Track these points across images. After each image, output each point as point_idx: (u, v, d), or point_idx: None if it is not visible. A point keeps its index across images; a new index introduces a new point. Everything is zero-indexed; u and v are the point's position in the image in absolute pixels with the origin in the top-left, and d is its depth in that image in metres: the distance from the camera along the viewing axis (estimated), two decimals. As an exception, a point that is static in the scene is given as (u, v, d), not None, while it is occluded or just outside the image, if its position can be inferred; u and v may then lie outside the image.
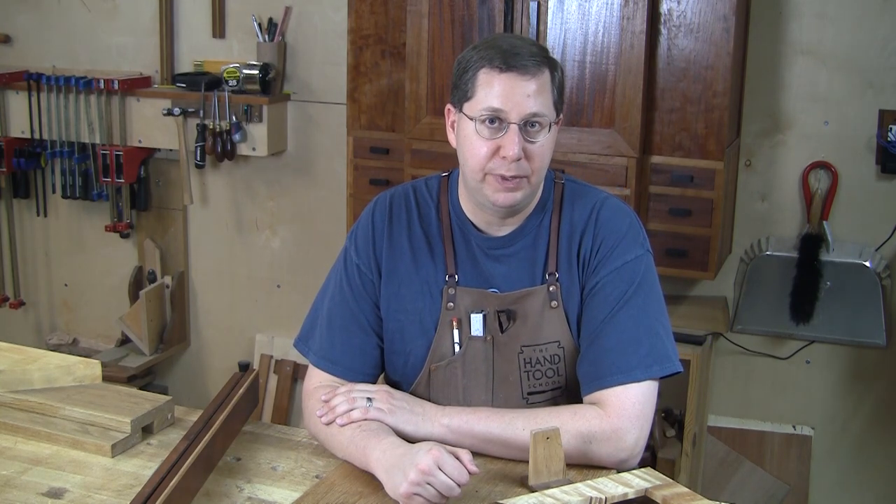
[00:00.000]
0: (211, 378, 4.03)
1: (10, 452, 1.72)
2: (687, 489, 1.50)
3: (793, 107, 3.16)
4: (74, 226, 4.09)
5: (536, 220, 1.76)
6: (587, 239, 1.73)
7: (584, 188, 1.81)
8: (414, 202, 1.82)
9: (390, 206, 1.82)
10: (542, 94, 1.65)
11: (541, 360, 1.73)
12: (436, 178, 1.85)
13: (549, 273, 1.73)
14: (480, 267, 1.76)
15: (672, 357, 1.69)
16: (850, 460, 3.30)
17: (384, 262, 1.79)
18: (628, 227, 1.74)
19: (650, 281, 1.72)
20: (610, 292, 1.70)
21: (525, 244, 1.75)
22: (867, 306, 3.10)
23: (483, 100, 1.65)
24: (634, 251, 1.72)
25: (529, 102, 1.63)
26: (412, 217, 1.80)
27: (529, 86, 1.64)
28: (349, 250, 1.83)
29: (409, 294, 1.77)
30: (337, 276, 1.84)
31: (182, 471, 1.51)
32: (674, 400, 3.24)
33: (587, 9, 2.84)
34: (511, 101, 1.63)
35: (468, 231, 1.78)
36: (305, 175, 3.74)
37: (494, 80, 1.64)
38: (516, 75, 1.64)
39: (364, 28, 3.20)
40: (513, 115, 1.63)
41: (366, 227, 1.82)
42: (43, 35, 3.97)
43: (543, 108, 1.65)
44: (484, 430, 1.65)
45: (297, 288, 3.84)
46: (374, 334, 1.80)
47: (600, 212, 1.75)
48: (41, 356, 1.96)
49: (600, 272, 1.71)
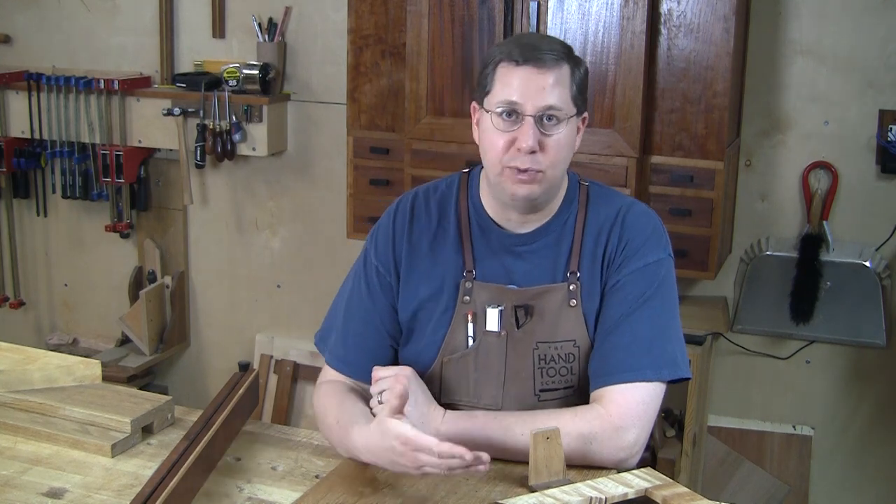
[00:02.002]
0: (211, 378, 4.03)
1: (10, 452, 1.72)
2: (687, 489, 1.50)
3: (793, 107, 3.16)
4: (74, 226, 4.09)
5: (562, 219, 1.77)
6: (613, 238, 1.75)
7: (610, 192, 1.83)
8: (435, 202, 1.83)
9: (412, 207, 1.83)
10: (558, 87, 1.66)
11: (555, 358, 1.74)
12: (456, 175, 1.86)
13: (571, 272, 1.74)
14: (501, 262, 1.77)
15: (682, 363, 1.71)
16: (850, 460, 3.29)
17: (403, 264, 1.80)
18: (653, 230, 1.76)
19: (669, 285, 1.74)
20: (629, 291, 1.71)
21: (548, 242, 1.76)
22: (867, 306, 3.10)
23: (500, 93, 1.67)
24: (657, 254, 1.74)
25: (545, 95, 1.65)
26: (432, 216, 1.81)
27: (545, 79, 1.65)
28: (369, 252, 1.84)
29: (427, 290, 1.78)
30: (356, 276, 1.85)
31: (182, 471, 1.51)
32: (674, 400, 3.23)
33: (587, 9, 2.84)
34: (526, 94, 1.65)
35: (488, 227, 1.78)
36: (305, 175, 3.74)
37: (511, 73, 1.67)
38: (532, 68, 1.65)
39: (364, 28, 3.20)
40: (528, 107, 1.65)
41: (387, 228, 1.83)
42: (43, 35, 3.97)
43: (559, 101, 1.66)
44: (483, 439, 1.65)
45: (297, 288, 3.84)
46: (388, 336, 1.81)
47: (627, 214, 1.77)
48: (41, 356, 1.96)
49: (622, 271, 1.72)
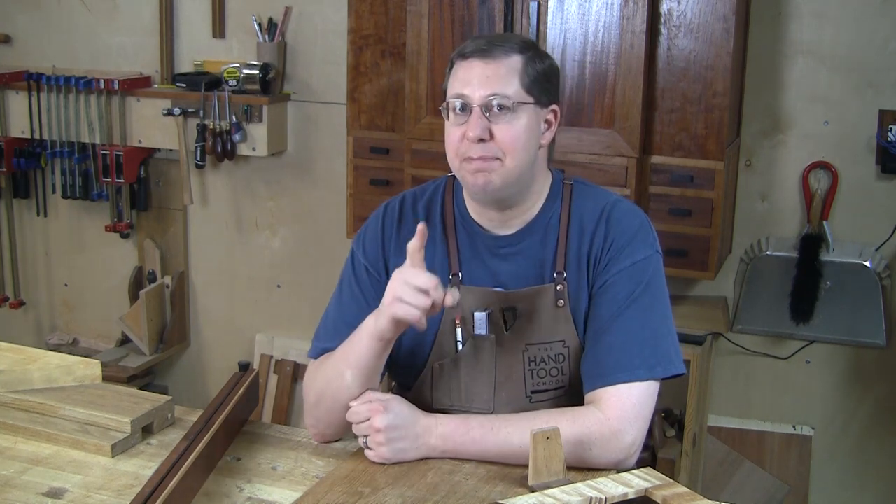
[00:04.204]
0: (211, 378, 4.03)
1: (10, 452, 1.72)
2: (687, 489, 1.50)
3: (793, 107, 3.16)
4: (74, 226, 4.09)
5: (545, 219, 1.77)
6: (598, 238, 1.74)
7: (595, 189, 1.82)
8: (422, 206, 1.83)
9: (400, 210, 1.83)
10: (506, 76, 1.68)
11: (545, 359, 1.74)
12: (443, 179, 1.87)
13: (557, 272, 1.74)
14: (486, 265, 1.77)
15: (675, 359, 1.70)
16: (850, 460, 3.29)
17: (392, 266, 1.79)
18: (639, 228, 1.75)
19: (658, 282, 1.73)
20: (618, 291, 1.70)
21: (532, 242, 1.76)
22: (867, 306, 3.10)
23: (452, 88, 1.71)
24: (644, 251, 1.73)
25: (490, 83, 1.67)
26: (419, 219, 1.81)
27: (490, 69, 1.68)
28: (356, 253, 1.84)
29: None
30: (345, 278, 1.85)
31: (182, 471, 1.51)
32: (674, 400, 3.23)
33: (587, 9, 2.84)
34: (471, 85, 1.68)
35: (473, 230, 1.78)
36: (305, 175, 3.74)
37: (460, 68, 1.70)
38: (477, 60, 1.69)
39: (364, 28, 3.20)
40: (474, 97, 1.67)
41: (375, 230, 1.83)
42: (43, 35, 3.97)
43: (505, 89, 1.67)
44: (480, 451, 1.65)
45: (297, 288, 3.84)
46: None
47: (611, 212, 1.76)
48: (41, 356, 1.96)
49: (609, 270, 1.71)
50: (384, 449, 1.62)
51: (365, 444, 1.64)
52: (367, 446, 1.64)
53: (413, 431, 1.63)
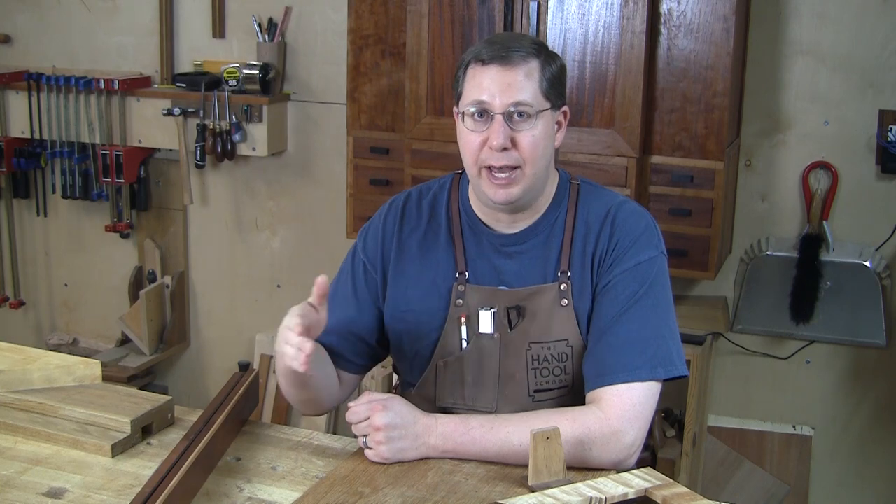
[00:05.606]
0: (211, 378, 4.03)
1: (10, 452, 1.72)
2: (687, 489, 1.50)
3: (793, 107, 3.16)
4: (74, 226, 4.09)
5: (551, 219, 1.77)
6: (603, 238, 1.74)
7: (601, 190, 1.82)
8: (427, 203, 1.83)
9: (403, 209, 1.84)
10: (527, 83, 1.67)
11: (549, 358, 1.74)
12: (449, 176, 1.87)
13: (561, 271, 1.74)
14: (492, 264, 1.77)
15: (677, 360, 1.70)
16: (850, 460, 3.30)
17: (392, 265, 1.80)
18: (644, 229, 1.75)
19: (662, 283, 1.73)
20: (621, 291, 1.70)
21: (538, 242, 1.76)
22: (867, 306, 3.10)
23: (470, 94, 1.69)
24: (649, 252, 1.73)
25: (512, 92, 1.66)
26: (423, 218, 1.82)
27: (512, 76, 1.66)
28: (358, 248, 1.86)
29: (417, 294, 1.78)
30: (344, 272, 1.87)
31: (182, 471, 1.51)
32: (674, 400, 3.24)
33: (587, 9, 2.84)
34: (493, 92, 1.67)
35: (479, 229, 1.79)
36: (305, 175, 3.74)
37: (479, 73, 1.68)
38: (498, 66, 1.67)
39: (364, 28, 3.20)
40: (496, 105, 1.66)
41: (377, 227, 1.85)
42: (43, 35, 3.97)
43: (528, 96, 1.67)
44: (480, 451, 1.65)
45: (297, 288, 3.84)
46: (364, 328, 1.82)
47: (617, 213, 1.76)
48: (41, 356, 1.96)
49: (614, 270, 1.72)
50: (384, 448, 1.62)
51: (364, 444, 1.64)
52: (367, 446, 1.64)
53: (413, 431, 1.63)
